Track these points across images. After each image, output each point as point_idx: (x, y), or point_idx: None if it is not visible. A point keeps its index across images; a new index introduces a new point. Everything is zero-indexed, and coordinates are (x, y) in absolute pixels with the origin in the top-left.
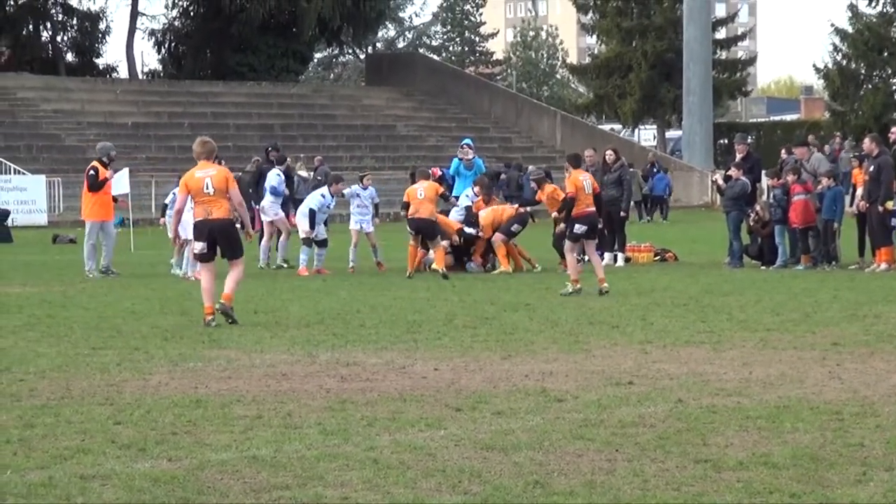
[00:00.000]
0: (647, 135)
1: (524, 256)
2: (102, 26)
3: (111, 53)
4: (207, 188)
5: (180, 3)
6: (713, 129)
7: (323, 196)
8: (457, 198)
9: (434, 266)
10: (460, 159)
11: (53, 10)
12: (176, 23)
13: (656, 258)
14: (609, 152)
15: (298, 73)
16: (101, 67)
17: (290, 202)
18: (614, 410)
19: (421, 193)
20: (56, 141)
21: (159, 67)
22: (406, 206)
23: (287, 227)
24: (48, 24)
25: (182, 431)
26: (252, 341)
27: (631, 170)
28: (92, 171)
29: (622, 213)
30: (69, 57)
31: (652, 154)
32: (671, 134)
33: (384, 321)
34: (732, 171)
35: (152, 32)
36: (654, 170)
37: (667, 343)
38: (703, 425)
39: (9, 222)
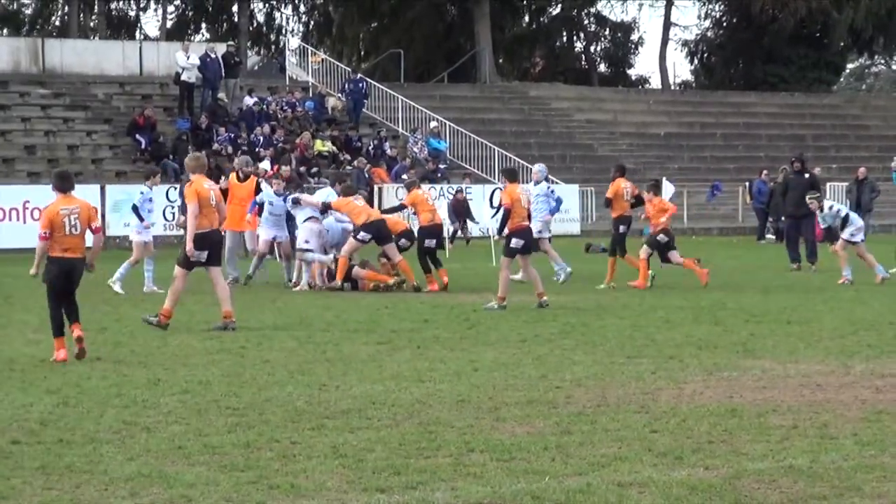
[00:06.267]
0: None
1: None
2: (635, 37)
3: (642, 64)
4: (212, 201)
5: (713, 14)
6: None
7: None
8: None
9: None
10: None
11: (587, 21)
12: (708, 33)
13: None
14: None
15: (830, 84)
16: (632, 78)
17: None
18: None
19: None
20: (589, 151)
21: (691, 78)
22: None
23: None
24: (581, 35)
25: (718, 440)
26: (786, 352)
27: None
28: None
29: None
30: (601, 67)
31: None
32: None
33: None
34: None
35: (685, 43)
36: None
37: None
38: None
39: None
